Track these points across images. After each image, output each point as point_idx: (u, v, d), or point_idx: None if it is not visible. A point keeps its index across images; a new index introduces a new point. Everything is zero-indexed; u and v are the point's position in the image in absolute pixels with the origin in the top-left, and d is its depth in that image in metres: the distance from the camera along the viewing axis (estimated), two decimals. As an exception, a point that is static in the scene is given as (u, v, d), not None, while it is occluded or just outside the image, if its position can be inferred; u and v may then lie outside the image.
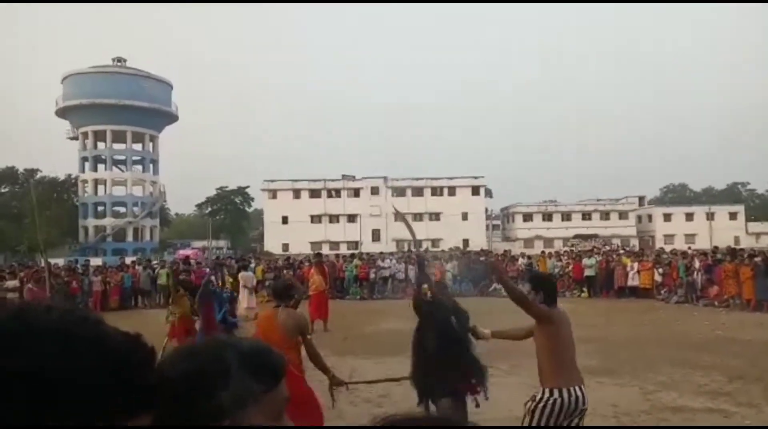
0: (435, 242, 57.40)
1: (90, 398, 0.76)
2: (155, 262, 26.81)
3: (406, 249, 47.48)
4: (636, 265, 21.13)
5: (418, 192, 66.72)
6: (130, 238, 62.29)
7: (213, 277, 14.25)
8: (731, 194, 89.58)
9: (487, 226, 68.16)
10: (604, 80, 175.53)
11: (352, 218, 65.15)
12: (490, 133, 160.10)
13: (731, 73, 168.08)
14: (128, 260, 26.08)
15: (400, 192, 66.63)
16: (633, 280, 20.76)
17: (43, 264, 16.90)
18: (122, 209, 64.89)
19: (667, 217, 69.47)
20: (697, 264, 19.41)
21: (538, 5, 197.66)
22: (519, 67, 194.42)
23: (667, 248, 30.04)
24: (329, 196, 66.47)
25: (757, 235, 64.48)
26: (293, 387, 4.63)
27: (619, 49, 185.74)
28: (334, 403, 5.02)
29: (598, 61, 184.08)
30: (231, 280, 17.91)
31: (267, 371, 0.94)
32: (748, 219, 69.98)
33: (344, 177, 68.11)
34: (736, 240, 52.13)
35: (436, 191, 66.79)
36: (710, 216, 67.15)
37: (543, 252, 28.30)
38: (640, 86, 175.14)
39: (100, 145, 64.33)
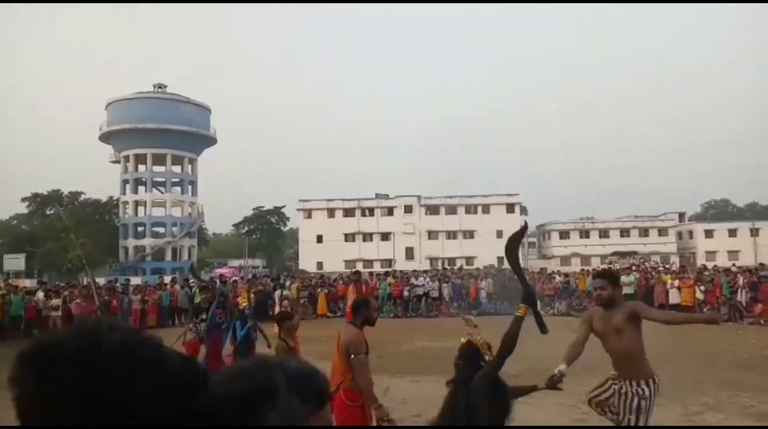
0: (469, 260, 56.96)
1: (147, 422, 0.79)
2: (192, 280, 27.24)
3: (440, 267, 47.29)
4: (677, 282, 20.62)
5: (451, 210, 66.46)
6: (168, 257, 63.55)
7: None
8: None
9: (523, 244, 67.10)
10: (641, 92, 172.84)
11: (385, 236, 65.21)
12: (526, 149, 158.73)
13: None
14: (167, 279, 26.60)
15: (433, 210, 66.54)
16: (674, 298, 20.24)
17: (87, 281, 17.35)
18: (161, 229, 66.32)
19: (709, 234, 67.53)
20: (741, 281, 18.86)
21: (577, 14, 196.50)
22: (553, 81, 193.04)
23: (709, 265, 29.18)
24: (363, 214, 66.76)
25: (805, 251, 62.06)
26: (344, 415, 4.36)
27: (656, 57, 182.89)
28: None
29: (636, 72, 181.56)
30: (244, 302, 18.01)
31: (313, 393, 0.94)
32: (794, 234, 67.50)
33: (378, 196, 68.35)
34: (783, 257, 50.18)
35: (470, 209, 66.41)
36: (754, 232, 64.94)
37: (583, 269, 27.86)
38: (680, 97, 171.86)
39: (141, 167, 66.09)
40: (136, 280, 32.25)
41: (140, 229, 65.53)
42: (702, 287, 20.03)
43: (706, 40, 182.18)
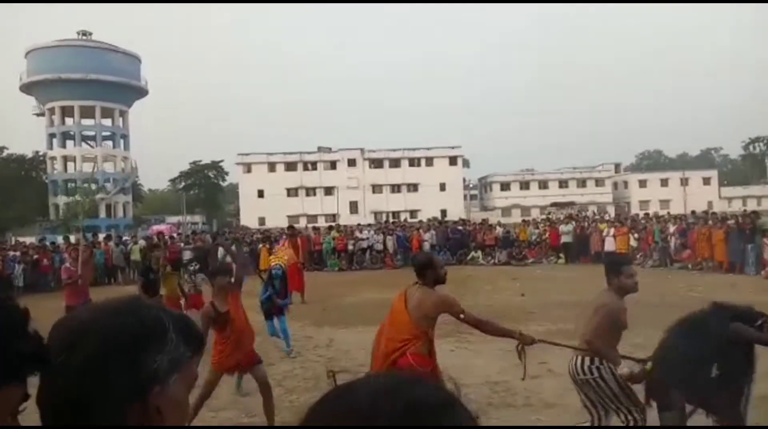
0: (413, 213, 57.41)
1: None
2: (127, 237, 26.33)
3: (384, 220, 47.47)
4: (612, 230, 21.33)
5: (395, 163, 66.42)
6: (102, 214, 61.20)
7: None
8: (705, 160, 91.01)
9: (465, 196, 68.27)
10: (580, 47, 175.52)
11: (329, 191, 64.72)
12: (465, 102, 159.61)
13: (701, 37, 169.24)
14: (101, 237, 25.59)
15: (377, 163, 66.28)
16: (609, 246, 20.96)
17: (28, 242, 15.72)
18: (93, 186, 63.54)
19: (643, 184, 70.31)
20: (671, 228, 19.66)
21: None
22: (494, 32, 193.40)
23: (643, 214, 30.37)
24: (305, 169, 65.86)
25: (730, 199, 65.59)
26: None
27: (595, 17, 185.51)
28: (525, 369, 4.50)
29: (576, 28, 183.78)
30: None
31: (194, 338, 0.92)
32: (721, 184, 71.13)
33: (320, 149, 67.45)
34: (710, 205, 52.82)
35: (414, 162, 66.56)
36: (684, 181, 68.07)
37: (524, 220, 28.49)
38: (616, 52, 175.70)
39: (68, 120, 62.69)
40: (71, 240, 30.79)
41: (70, 185, 62.62)
42: (636, 235, 20.80)
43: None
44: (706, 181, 69.91)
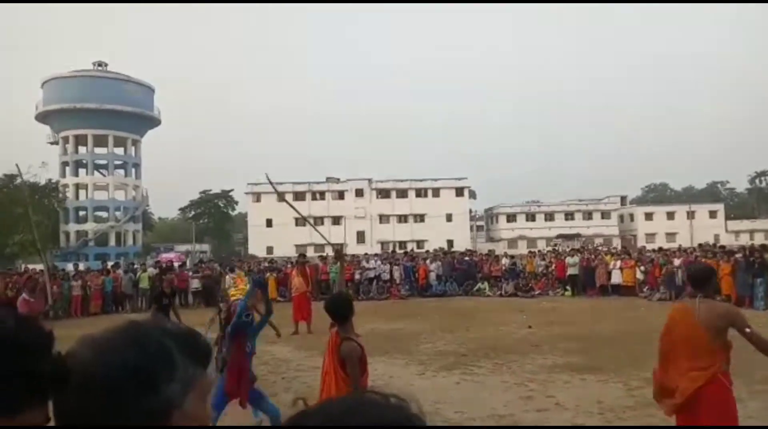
0: (420, 243, 57.43)
1: None
2: (136, 265, 26.50)
3: (390, 250, 47.49)
4: (618, 262, 21.33)
5: (402, 194, 66.76)
6: (112, 242, 61.55)
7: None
8: (711, 193, 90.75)
9: (472, 227, 68.34)
10: (585, 79, 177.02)
11: (336, 220, 64.96)
12: (474, 135, 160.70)
13: (707, 72, 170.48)
14: (110, 265, 25.78)
15: (384, 194, 66.63)
16: (616, 278, 20.95)
17: (38, 269, 15.04)
18: (104, 214, 64.06)
19: (649, 216, 70.22)
20: (676, 261, 19.63)
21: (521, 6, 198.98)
22: (499, 68, 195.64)
23: (649, 247, 30.32)
24: (314, 198, 66.28)
25: (737, 232, 65.33)
26: (726, 399, 3.93)
27: (598, 46, 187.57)
28: None
29: (578, 60, 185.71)
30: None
31: (201, 353, 0.89)
32: (727, 217, 70.90)
33: (328, 179, 67.94)
34: (716, 238, 52.74)
35: (421, 193, 66.89)
36: (691, 215, 67.93)
37: (531, 251, 28.52)
38: (622, 85, 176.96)
39: (81, 149, 63.54)
40: (79, 267, 31.03)
41: (82, 213, 63.13)
42: (642, 268, 20.77)
43: (656, 30, 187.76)
44: (713, 214, 69.71)
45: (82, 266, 32.02)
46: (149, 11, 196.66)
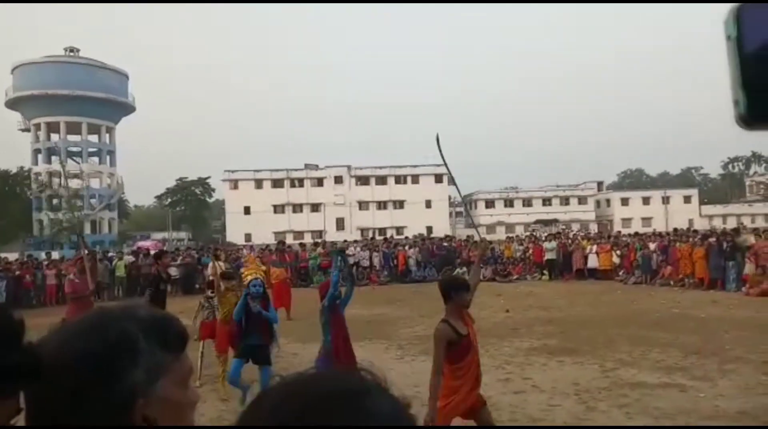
0: (399, 230, 57.59)
1: None
2: (112, 253, 26.18)
3: (370, 236, 47.47)
4: (594, 247, 21.65)
5: (381, 180, 66.68)
6: (87, 230, 60.60)
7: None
8: (685, 179, 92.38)
9: (451, 213, 68.61)
10: (563, 66, 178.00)
11: (315, 207, 64.74)
12: (452, 121, 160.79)
13: (681, 61, 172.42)
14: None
15: (363, 181, 66.51)
16: (592, 263, 21.27)
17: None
18: (78, 202, 63.01)
19: (625, 202, 71.17)
20: (651, 246, 19.97)
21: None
22: (475, 52, 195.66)
23: (625, 231, 30.75)
24: (292, 185, 65.89)
25: (710, 217, 66.53)
26: None
27: (578, 35, 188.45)
28: None
29: (558, 46, 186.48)
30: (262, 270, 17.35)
31: (173, 338, 0.87)
32: (701, 202, 72.17)
33: (307, 166, 67.53)
34: (691, 222, 53.56)
35: (400, 179, 66.89)
36: (666, 200, 69.05)
37: (509, 237, 28.72)
38: (601, 72, 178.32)
39: (54, 136, 62.20)
40: (54, 256, 30.50)
41: (55, 201, 62.03)
42: (618, 252, 21.10)
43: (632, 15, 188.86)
44: (687, 199, 70.92)
45: (56, 255, 31.45)
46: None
